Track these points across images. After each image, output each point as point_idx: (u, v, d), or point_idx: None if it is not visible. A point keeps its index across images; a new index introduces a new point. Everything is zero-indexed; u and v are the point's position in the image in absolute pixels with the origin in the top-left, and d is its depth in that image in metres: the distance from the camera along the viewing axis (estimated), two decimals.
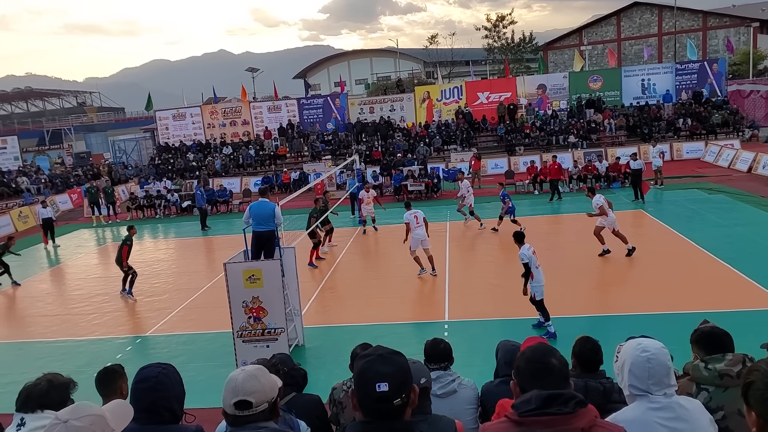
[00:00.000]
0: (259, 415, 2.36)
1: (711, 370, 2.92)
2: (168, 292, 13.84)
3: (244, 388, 2.34)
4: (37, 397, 2.76)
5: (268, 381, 2.45)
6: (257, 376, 2.41)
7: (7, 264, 15.82)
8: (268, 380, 2.46)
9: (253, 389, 2.35)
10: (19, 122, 59.15)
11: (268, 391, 2.41)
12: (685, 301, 10.24)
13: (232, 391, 2.36)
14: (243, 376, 2.38)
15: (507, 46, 57.96)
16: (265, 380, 2.43)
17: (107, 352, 10.41)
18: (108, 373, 3.38)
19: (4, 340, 11.67)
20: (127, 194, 29.18)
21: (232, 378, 2.40)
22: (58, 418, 1.88)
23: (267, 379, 2.45)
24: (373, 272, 14.20)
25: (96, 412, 1.96)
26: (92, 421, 1.90)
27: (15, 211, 25.83)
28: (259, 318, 9.09)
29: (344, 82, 40.76)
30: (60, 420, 1.87)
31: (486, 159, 28.59)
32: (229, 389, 2.38)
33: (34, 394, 2.78)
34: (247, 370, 2.44)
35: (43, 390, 2.78)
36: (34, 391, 2.80)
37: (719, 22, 46.95)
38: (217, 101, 38.32)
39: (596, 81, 33.15)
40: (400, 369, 2.09)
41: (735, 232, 14.67)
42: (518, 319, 10.28)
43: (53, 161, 40.59)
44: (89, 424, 1.89)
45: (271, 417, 2.43)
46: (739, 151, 24.75)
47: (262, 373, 2.46)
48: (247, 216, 9.98)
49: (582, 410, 2.19)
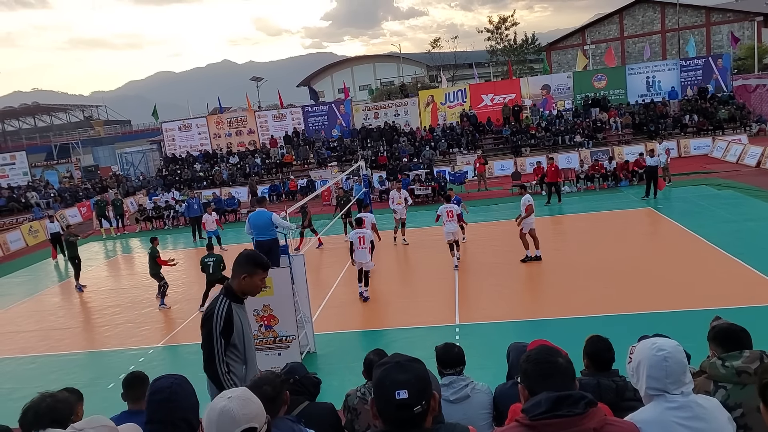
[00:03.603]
0: None
1: (728, 367, 2.89)
2: (179, 302, 13.88)
3: (245, 415, 2.14)
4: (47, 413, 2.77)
5: (258, 401, 2.27)
6: (250, 399, 2.21)
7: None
8: (258, 400, 2.27)
9: (253, 413, 2.17)
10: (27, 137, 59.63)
11: (263, 411, 2.24)
12: (697, 298, 10.17)
13: (231, 422, 2.11)
14: (237, 403, 2.15)
15: (510, 48, 57.92)
16: (257, 400, 2.25)
17: (120, 364, 10.45)
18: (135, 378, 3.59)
19: (18, 355, 11.73)
20: (136, 206, 29.35)
21: (224, 409, 2.13)
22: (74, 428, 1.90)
23: (257, 399, 2.27)
24: (381, 277, 14.19)
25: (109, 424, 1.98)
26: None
27: (25, 226, 26.03)
28: (270, 326, 9.10)
29: (348, 89, 40.84)
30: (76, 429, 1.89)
31: (492, 161, 28.56)
32: (226, 421, 2.11)
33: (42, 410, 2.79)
34: (236, 396, 2.20)
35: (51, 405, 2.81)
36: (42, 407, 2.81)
37: (723, 17, 46.73)
38: (223, 111, 38.49)
39: (600, 80, 33.06)
40: (419, 376, 2.08)
41: (745, 227, 14.56)
42: (530, 321, 10.24)
43: (62, 175, 40.86)
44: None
45: None
46: (747, 146, 24.59)
47: (251, 395, 2.27)
48: (248, 227, 10.22)
49: (592, 410, 2.19)
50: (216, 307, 3.98)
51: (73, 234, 16.45)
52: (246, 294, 4.11)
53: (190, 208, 21.87)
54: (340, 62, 79.26)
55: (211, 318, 3.94)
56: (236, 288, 4.06)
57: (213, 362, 3.92)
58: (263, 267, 4.13)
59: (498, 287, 12.48)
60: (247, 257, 4.08)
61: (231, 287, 4.07)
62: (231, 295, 4.06)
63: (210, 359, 3.93)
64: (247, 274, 4.03)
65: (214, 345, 3.92)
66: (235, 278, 4.07)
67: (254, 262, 4.07)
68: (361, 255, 12.17)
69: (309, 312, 10.03)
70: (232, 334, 3.97)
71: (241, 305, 4.11)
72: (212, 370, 3.92)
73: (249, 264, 4.05)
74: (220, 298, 4.06)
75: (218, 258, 12.74)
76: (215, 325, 3.91)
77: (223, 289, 4.12)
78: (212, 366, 3.92)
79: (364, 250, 12.17)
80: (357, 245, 12.14)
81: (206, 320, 3.97)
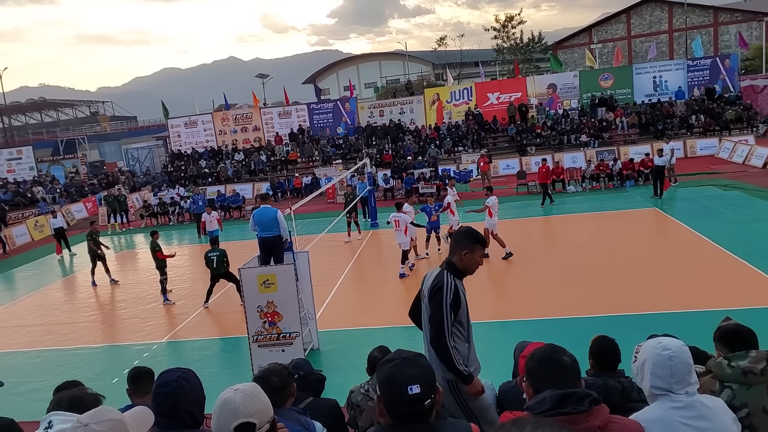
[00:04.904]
0: None
1: (734, 367, 2.88)
2: (183, 298, 13.92)
3: (246, 409, 2.15)
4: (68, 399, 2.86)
5: (266, 399, 2.29)
6: (256, 395, 2.23)
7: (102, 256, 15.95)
8: (266, 398, 2.29)
9: (255, 409, 2.17)
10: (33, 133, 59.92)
11: (268, 409, 2.25)
12: (703, 298, 10.13)
13: (231, 414, 2.14)
14: (241, 396, 2.18)
15: (516, 46, 57.79)
16: (263, 398, 2.27)
17: (124, 359, 10.49)
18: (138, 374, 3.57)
19: (23, 348, 11.79)
20: (141, 202, 29.44)
21: (227, 400, 2.18)
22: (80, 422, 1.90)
23: (265, 397, 2.28)
24: (385, 275, 14.19)
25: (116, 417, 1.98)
26: (111, 426, 1.92)
27: (31, 221, 26.15)
28: (274, 322, 9.11)
29: (353, 86, 40.82)
30: (81, 423, 1.89)
31: (497, 160, 28.52)
32: (226, 412, 2.15)
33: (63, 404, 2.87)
34: (242, 389, 2.23)
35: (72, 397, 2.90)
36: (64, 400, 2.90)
37: (731, 17, 46.51)
38: (228, 108, 38.55)
39: (607, 79, 32.95)
40: (427, 370, 2.12)
41: (751, 228, 14.50)
42: (534, 320, 10.23)
43: (68, 171, 41.04)
44: (108, 428, 1.90)
45: None
46: (753, 146, 24.47)
47: (259, 391, 2.28)
48: (252, 224, 10.27)
49: (597, 408, 2.20)
50: (444, 279, 3.82)
51: (96, 231, 16.12)
52: (466, 271, 3.97)
53: (196, 205, 21.93)
54: (345, 60, 79.26)
55: (441, 289, 3.78)
56: (457, 264, 3.93)
57: (443, 335, 3.73)
58: (482, 243, 4.03)
59: (501, 286, 12.47)
60: (467, 234, 3.98)
61: (453, 263, 3.94)
62: (454, 271, 3.92)
63: (440, 332, 3.74)
64: (468, 250, 3.91)
65: (444, 317, 3.74)
66: (455, 254, 3.94)
67: (474, 237, 3.96)
68: (398, 236, 13.54)
69: (313, 309, 10.05)
70: (459, 309, 3.83)
71: (461, 282, 3.95)
72: (441, 343, 3.72)
73: (469, 240, 3.93)
74: (444, 272, 3.88)
75: (222, 252, 12.76)
76: (445, 297, 3.76)
77: (445, 263, 3.96)
78: (441, 339, 3.73)
79: (400, 231, 13.46)
80: (394, 227, 13.62)
81: (436, 292, 3.80)
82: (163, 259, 13.57)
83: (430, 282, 3.93)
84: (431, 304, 3.85)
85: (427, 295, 3.92)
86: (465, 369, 3.76)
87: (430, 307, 3.86)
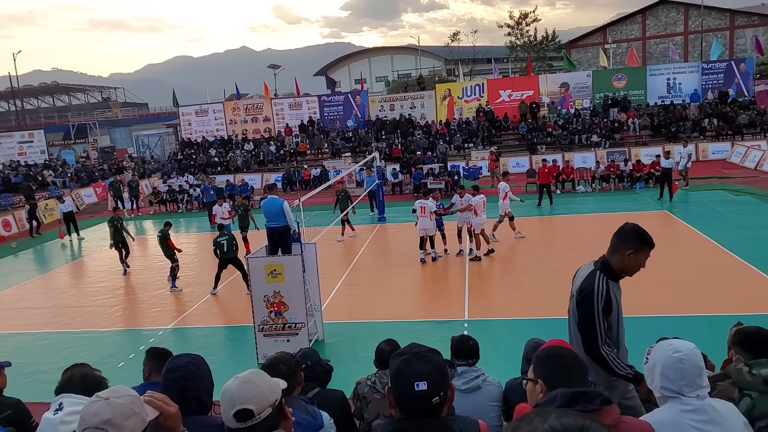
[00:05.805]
0: (265, 423, 2.18)
1: (755, 375, 2.79)
2: (190, 286, 13.98)
3: (241, 396, 2.16)
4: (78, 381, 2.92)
5: (267, 384, 2.26)
6: (253, 381, 2.22)
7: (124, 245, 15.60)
8: (267, 383, 2.26)
9: (250, 395, 2.17)
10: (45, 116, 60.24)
11: (268, 394, 2.22)
12: (712, 303, 10.07)
13: (228, 402, 2.17)
14: (237, 384, 2.20)
15: (530, 44, 57.44)
16: (262, 383, 2.24)
17: (131, 344, 10.56)
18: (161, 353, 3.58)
19: (30, 330, 11.89)
20: (150, 189, 29.55)
21: (226, 389, 2.21)
22: (99, 396, 1.91)
23: (265, 382, 2.26)
24: (392, 269, 14.20)
25: (134, 393, 1.99)
26: (131, 401, 1.93)
27: (41, 203, 26.29)
28: (280, 312, 9.15)
29: (365, 80, 40.76)
30: (101, 398, 1.90)
31: (507, 157, 28.39)
32: (225, 401, 2.19)
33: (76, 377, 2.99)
34: (240, 376, 2.24)
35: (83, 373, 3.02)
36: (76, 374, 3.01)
37: (747, 20, 46.02)
38: (240, 98, 38.59)
39: (620, 80, 32.71)
40: (438, 367, 2.09)
41: (762, 234, 14.39)
42: (541, 319, 10.19)
43: (78, 155, 41.25)
44: (129, 402, 1.92)
45: (278, 422, 2.25)
46: (766, 152, 24.26)
47: (259, 377, 2.27)
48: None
49: (607, 408, 2.18)
50: (595, 282, 3.54)
51: (118, 218, 15.76)
52: (625, 272, 3.63)
53: (207, 193, 21.95)
54: (357, 53, 79.07)
55: (591, 295, 3.52)
56: (615, 264, 3.59)
57: (596, 343, 3.48)
58: (651, 245, 3.60)
59: (508, 284, 12.44)
60: (636, 233, 3.58)
61: (608, 263, 3.61)
62: (608, 272, 3.60)
63: (592, 342, 3.50)
64: (633, 251, 3.54)
65: (597, 327, 3.49)
66: (616, 253, 3.59)
67: (643, 238, 3.56)
68: (423, 222, 13.93)
69: (319, 300, 10.08)
70: (611, 314, 3.56)
71: (616, 284, 3.65)
72: (596, 352, 3.48)
73: (637, 240, 3.55)
74: (597, 274, 3.59)
75: (231, 236, 12.84)
76: (596, 302, 3.51)
77: (599, 263, 3.66)
78: (595, 347, 3.48)
79: (425, 218, 13.86)
80: (419, 213, 13.95)
81: (585, 297, 3.54)
82: (173, 248, 13.64)
83: (580, 283, 3.67)
84: (579, 309, 3.61)
85: (575, 296, 3.67)
86: (628, 372, 3.54)
87: (578, 312, 3.62)
